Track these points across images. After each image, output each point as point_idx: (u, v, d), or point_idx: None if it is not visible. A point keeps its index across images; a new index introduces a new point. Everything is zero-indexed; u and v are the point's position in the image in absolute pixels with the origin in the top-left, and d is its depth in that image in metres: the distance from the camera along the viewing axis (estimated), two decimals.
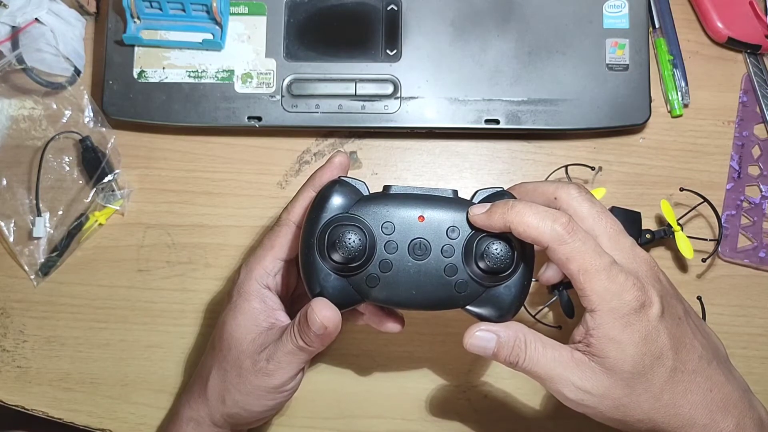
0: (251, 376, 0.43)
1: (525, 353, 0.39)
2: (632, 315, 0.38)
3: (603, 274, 0.38)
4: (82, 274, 0.55)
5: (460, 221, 0.40)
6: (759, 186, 0.57)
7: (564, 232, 0.38)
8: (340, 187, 0.41)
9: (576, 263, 0.38)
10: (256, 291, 0.45)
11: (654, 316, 0.38)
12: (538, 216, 0.38)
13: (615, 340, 0.38)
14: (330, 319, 0.40)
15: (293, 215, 0.45)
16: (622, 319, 0.38)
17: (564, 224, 0.38)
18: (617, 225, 0.41)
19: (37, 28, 0.54)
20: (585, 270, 0.38)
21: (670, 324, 0.39)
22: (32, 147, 0.56)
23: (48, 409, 0.53)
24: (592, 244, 0.38)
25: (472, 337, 0.40)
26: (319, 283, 0.40)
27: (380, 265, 0.40)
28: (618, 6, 0.56)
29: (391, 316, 0.45)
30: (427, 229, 0.40)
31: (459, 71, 0.55)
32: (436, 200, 0.41)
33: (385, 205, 0.41)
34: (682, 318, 0.40)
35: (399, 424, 0.53)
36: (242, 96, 0.55)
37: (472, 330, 0.40)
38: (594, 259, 0.38)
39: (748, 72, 0.58)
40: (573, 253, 0.38)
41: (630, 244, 0.40)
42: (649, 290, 0.38)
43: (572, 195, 0.41)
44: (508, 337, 0.40)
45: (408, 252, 0.40)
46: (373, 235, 0.40)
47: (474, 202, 0.41)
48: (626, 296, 0.38)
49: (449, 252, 0.40)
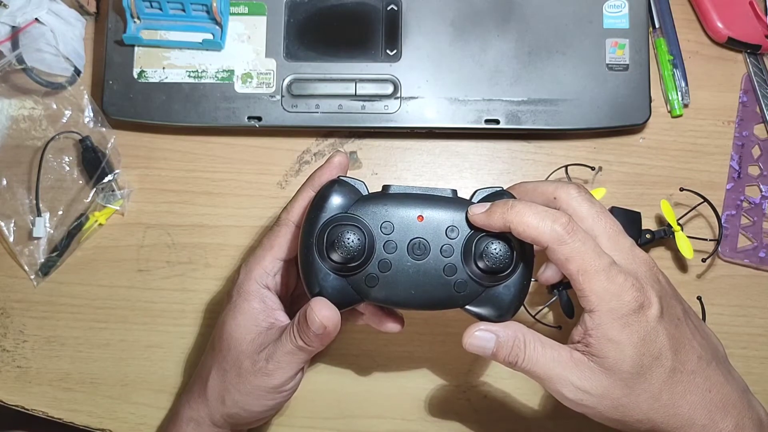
0: (251, 376, 0.43)
1: (524, 353, 0.39)
2: (631, 315, 0.38)
3: (602, 274, 0.38)
4: (82, 274, 0.55)
5: (460, 221, 0.40)
6: (759, 186, 0.57)
7: (564, 232, 0.38)
8: (339, 186, 0.41)
9: (575, 263, 0.38)
10: (255, 291, 0.45)
11: (653, 317, 0.38)
12: (538, 216, 0.38)
13: (614, 340, 0.38)
14: (329, 319, 0.40)
15: (292, 215, 0.45)
16: (621, 319, 0.38)
17: (564, 224, 0.38)
18: (617, 225, 0.41)
19: (37, 28, 0.54)
20: (584, 270, 0.38)
21: (669, 325, 0.39)
22: (32, 147, 0.56)
23: (48, 409, 0.53)
24: (591, 244, 0.38)
25: (471, 336, 0.40)
26: (318, 283, 0.40)
27: (379, 265, 0.40)
28: (618, 6, 0.56)
29: (390, 316, 0.45)
30: (426, 228, 0.40)
31: (459, 71, 0.55)
32: (436, 200, 0.41)
33: (384, 204, 0.40)
34: (681, 318, 0.40)
35: (399, 424, 0.53)
36: (242, 96, 0.55)
37: (471, 330, 0.40)
38: (593, 259, 0.38)
39: (748, 72, 0.58)
40: (572, 254, 0.38)
41: (629, 245, 0.40)
42: (648, 291, 0.38)
43: (572, 195, 0.41)
44: (508, 337, 0.40)
45: (407, 252, 0.40)
46: (372, 234, 0.40)
47: (473, 202, 0.41)
48: (625, 297, 0.38)
49: (448, 252, 0.40)
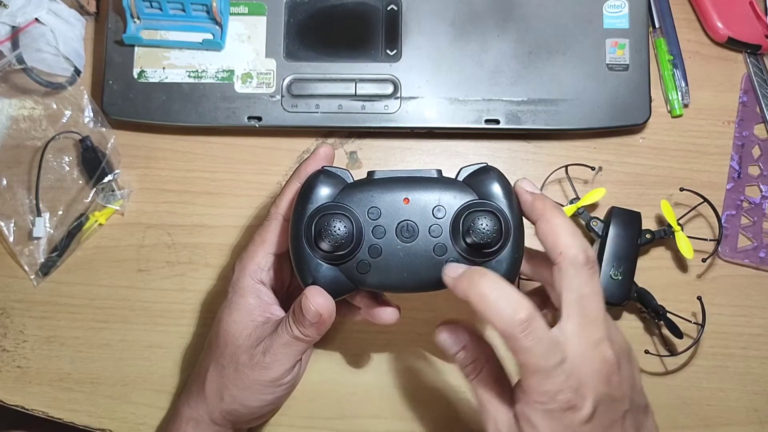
0: (248, 370, 0.43)
1: (476, 375, 0.40)
2: (558, 412, 0.37)
3: (542, 374, 0.36)
4: (82, 274, 0.55)
5: (446, 200, 0.40)
6: (759, 186, 0.57)
7: (518, 329, 0.36)
8: (324, 176, 0.41)
9: (519, 357, 0.37)
10: (250, 287, 0.45)
11: (579, 420, 0.37)
12: (501, 300, 0.36)
13: (534, 425, 0.37)
14: (324, 307, 0.40)
15: (281, 209, 0.45)
16: (547, 411, 0.37)
17: (521, 321, 0.36)
18: (599, 313, 0.38)
19: (37, 28, 0.54)
20: (526, 365, 0.37)
21: (597, 427, 0.38)
22: (32, 147, 0.56)
23: (48, 409, 0.53)
24: (544, 346, 0.36)
25: (444, 332, 0.41)
26: (310, 274, 0.41)
27: (369, 251, 0.40)
28: (618, 6, 0.56)
29: (386, 304, 0.45)
30: (413, 210, 0.40)
31: (459, 71, 0.55)
32: (420, 181, 0.41)
33: (370, 190, 0.40)
34: (617, 421, 0.39)
35: (399, 424, 0.53)
36: (242, 96, 0.55)
37: (447, 327, 0.41)
38: (538, 359, 0.36)
39: (748, 72, 0.58)
40: (519, 349, 0.36)
41: (597, 339, 0.38)
42: (586, 394, 0.37)
43: (577, 262, 0.38)
44: (472, 352, 0.40)
45: (396, 235, 0.40)
46: (360, 221, 0.40)
47: (459, 180, 0.41)
48: (558, 396, 0.37)
49: (437, 232, 0.40)
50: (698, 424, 0.53)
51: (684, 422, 0.53)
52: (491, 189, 0.41)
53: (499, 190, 0.40)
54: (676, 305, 0.53)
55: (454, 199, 0.40)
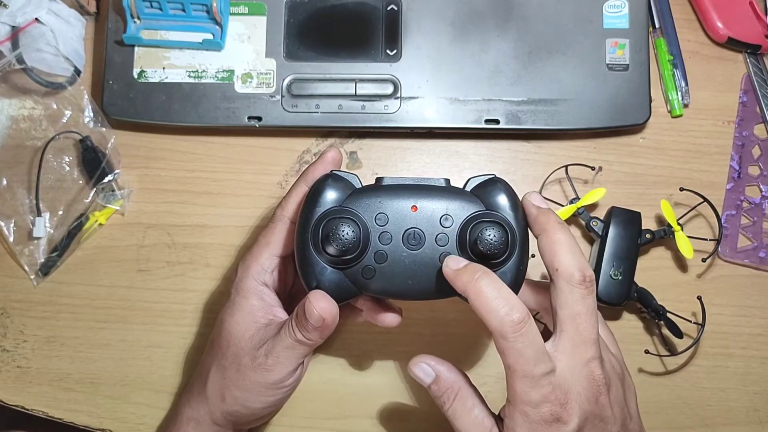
0: (250, 371, 0.43)
1: (451, 403, 0.40)
2: (542, 424, 0.37)
3: (529, 381, 0.36)
4: (82, 274, 0.55)
5: (454, 210, 0.40)
6: (759, 186, 0.57)
7: (510, 329, 0.36)
8: (333, 180, 0.41)
9: (509, 360, 0.37)
10: (253, 288, 0.45)
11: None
12: (497, 299, 0.36)
13: None
14: (328, 311, 0.40)
15: (287, 211, 0.45)
16: (531, 424, 0.37)
17: (514, 322, 0.36)
18: (592, 333, 0.38)
19: (37, 28, 0.54)
20: (514, 369, 0.37)
21: None
22: (32, 147, 0.56)
23: (48, 409, 0.53)
24: (534, 349, 0.36)
25: (417, 366, 0.41)
26: (315, 277, 0.40)
27: (375, 257, 0.40)
28: (618, 6, 0.56)
29: (388, 308, 0.45)
30: (420, 218, 0.40)
31: (459, 71, 0.55)
32: (429, 189, 0.41)
33: (378, 196, 0.41)
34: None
35: (399, 425, 0.53)
36: (242, 96, 0.55)
37: (419, 359, 0.41)
38: (527, 364, 0.36)
39: (748, 72, 0.58)
40: (510, 351, 0.36)
41: (588, 358, 0.38)
42: (572, 409, 0.37)
43: (573, 280, 0.39)
44: (445, 381, 0.40)
45: (402, 242, 0.40)
46: (367, 226, 0.40)
47: (466, 190, 0.41)
48: (543, 408, 0.37)
49: (443, 240, 0.40)
50: (698, 424, 0.53)
51: (684, 422, 0.53)
52: (499, 200, 0.41)
53: (507, 202, 0.41)
54: (676, 305, 0.53)
55: (462, 209, 0.40)
